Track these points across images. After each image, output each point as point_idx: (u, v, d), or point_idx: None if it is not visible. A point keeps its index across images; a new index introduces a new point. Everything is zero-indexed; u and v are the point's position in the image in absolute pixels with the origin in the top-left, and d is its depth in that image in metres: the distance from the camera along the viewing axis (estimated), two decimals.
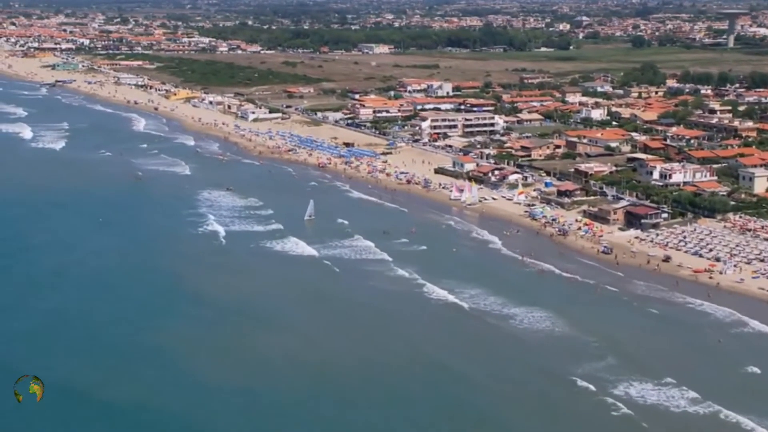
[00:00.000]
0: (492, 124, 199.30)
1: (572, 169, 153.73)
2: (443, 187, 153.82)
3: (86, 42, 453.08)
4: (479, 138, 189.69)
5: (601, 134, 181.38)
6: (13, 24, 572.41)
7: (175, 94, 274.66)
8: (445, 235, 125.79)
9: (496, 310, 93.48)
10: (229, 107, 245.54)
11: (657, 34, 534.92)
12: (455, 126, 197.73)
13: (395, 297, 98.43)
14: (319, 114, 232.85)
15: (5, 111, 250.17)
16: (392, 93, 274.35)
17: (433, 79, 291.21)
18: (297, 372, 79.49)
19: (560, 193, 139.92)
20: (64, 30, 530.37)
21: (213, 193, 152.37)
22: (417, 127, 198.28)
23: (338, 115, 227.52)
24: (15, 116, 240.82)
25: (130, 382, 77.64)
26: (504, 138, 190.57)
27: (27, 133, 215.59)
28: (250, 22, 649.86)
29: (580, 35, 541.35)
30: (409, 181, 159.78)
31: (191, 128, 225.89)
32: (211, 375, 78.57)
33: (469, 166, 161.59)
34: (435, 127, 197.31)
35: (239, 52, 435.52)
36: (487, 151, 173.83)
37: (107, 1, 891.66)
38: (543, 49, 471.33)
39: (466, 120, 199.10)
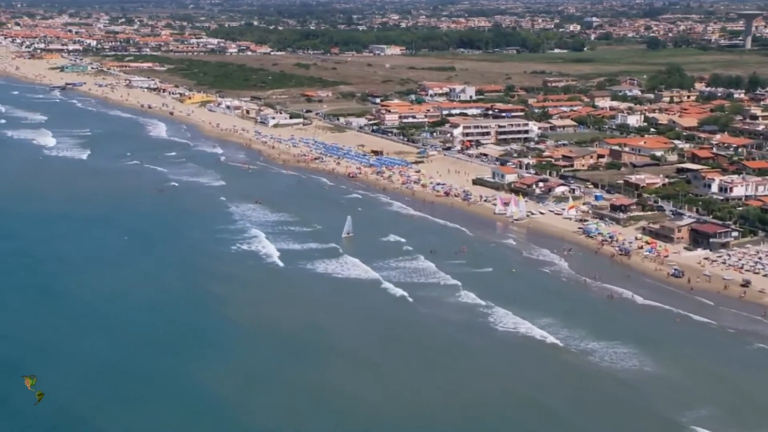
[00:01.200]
0: (526, 131, 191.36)
1: (621, 181, 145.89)
2: (485, 200, 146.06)
3: (93, 43, 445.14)
4: (515, 146, 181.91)
5: (644, 142, 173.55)
6: (18, 24, 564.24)
7: (189, 98, 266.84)
8: (499, 254, 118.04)
9: (575, 343, 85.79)
10: (248, 112, 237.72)
11: (670, 35, 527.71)
12: (488, 133, 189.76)
13: (466, 326, 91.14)
14: (342, 119, 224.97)
15: (21, 116, 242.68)
16: (413, 97, 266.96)
17: (454, 83, 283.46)
18: (387, 412, 72.25)
19: (614, 208, 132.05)
20: (70, 30, 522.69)
21: (242, 206, 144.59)
22: (448, 135, 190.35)
23: (362, 121, 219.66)
24: (32, 122, 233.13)
25: None
26: (540, 146, 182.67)
27: (45, 140, 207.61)
28: (255, 23, 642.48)
29: (592, 36, 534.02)
30: (447, 193, 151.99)
31: (210, 134, 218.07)
32: (286, 419, 70.91)
33: (511, 177, 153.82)
34: (467, 135, 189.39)
35: (249, 53, 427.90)
36: (525, 160, 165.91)
37: (110, 1, 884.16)
38: (556, 50, 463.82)
39: (500, 127, 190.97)
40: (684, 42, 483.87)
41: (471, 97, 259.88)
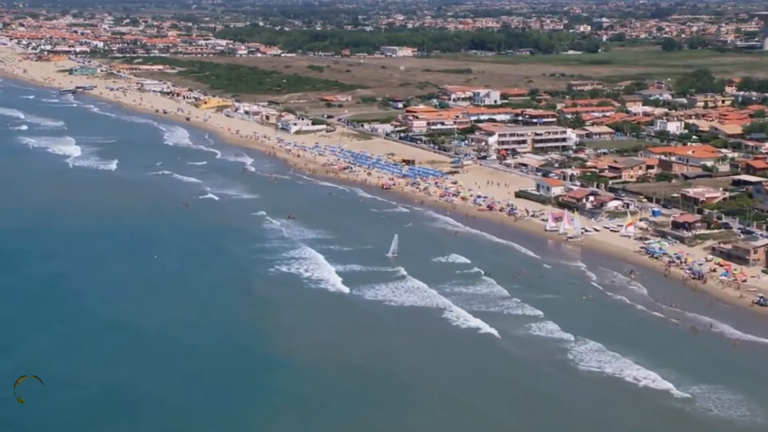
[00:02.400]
0: (563, 139, 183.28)
1: (677, 195, 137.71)
2: (532, 215, 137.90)
3: (99, 44, 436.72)
4: (554, 155, 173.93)
5: (692, 151, 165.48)
6: (22, 25, 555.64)
7: (205, 103, 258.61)
8: (562, 278, 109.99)
9: (671, 387, 77.53)
10: (267, 118, 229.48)
11: (683, 36, 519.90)
12: (524, 141, 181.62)
13: (555, 363, 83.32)
14: (366, 126, 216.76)
15: (37, 122, 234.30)
16: (435, 101, 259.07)
17: (476, 86, 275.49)
18: None
19: (676, 225, 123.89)
20: (75, 31, 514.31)
21: (276, 222, 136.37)
22: (483, 143, 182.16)
23: (387, 127, 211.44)
24: (51, 128, 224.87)
25: None
26: (581, 155, 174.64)
27: (69, 149, 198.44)
28: (261, 23, 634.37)
29: (604, 37, 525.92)
30: (491, 207, 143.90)
31: (231, 142, 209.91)
32: None
33: (557, 190, 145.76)
34: (502, 143, 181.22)
35: (259, 55, 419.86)
36: (569, 171, 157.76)
37: (112, 1, 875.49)
38: (570, 51, 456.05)
39: (536, 135, 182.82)
40: (699, 43, 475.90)
41: (495, 101, 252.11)
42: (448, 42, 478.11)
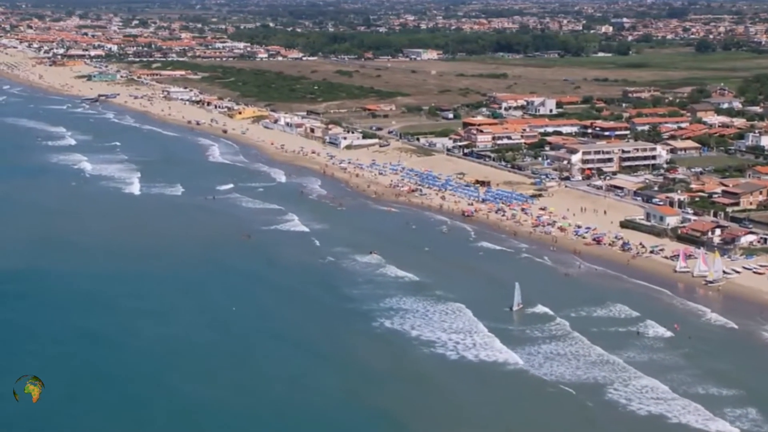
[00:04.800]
0: (653, 157, 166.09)
1: None
2: (651, 251, 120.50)
3: (114, 48, 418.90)
4: (649, 176, 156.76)
5: None
6: (30, 27, 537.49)
7: (239, 113, 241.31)
8: (725, 338, 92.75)
9: None
10: (312, 130, 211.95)
11: (711, 36, 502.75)
12: (611, 159, 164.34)
13: None
14: (422, 139, 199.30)
15: (61, 134, 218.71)
16: (484, 110, 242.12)
17: (526, 95, 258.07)
18: None
19: None
20: (85, 34, 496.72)
21: (358, 260, 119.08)
22: (565, 161, 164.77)
23: (446, 141, 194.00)
24: (78, 144, 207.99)
25: None
26: (675, 175, 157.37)
27: (104, 168, 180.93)
28: (270, 24, 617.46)
29: (629, 38, 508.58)
30: (598, 241, 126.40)
31: (277, 158, 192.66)
32: None
33: (672, 220, 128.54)
34: (586, 161, 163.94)
35: (280, 58, 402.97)
36: (675, 196, 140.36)
37: (116, 1, 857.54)
38: (600, 54, 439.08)
39: (623, 152, 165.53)
40: (733, 44, 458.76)
41: (551, 110, 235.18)
42: (472, 44, 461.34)
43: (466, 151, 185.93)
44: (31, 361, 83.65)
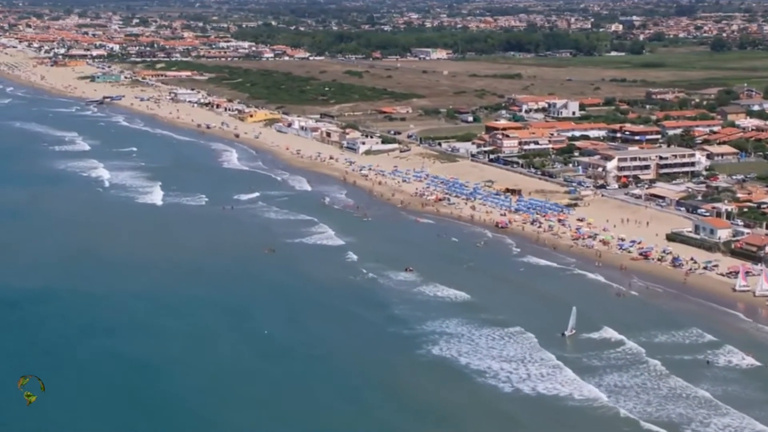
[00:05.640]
0: (692, 164, 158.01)
1: None
2: (704, 267, 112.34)
3: (116, 47, 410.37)
4: (691, 184, 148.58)
5: None
6: (29, 26, 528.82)
7: (251, 116, 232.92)
8: None
9: None
10: (329, 135, 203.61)
11: (724, 35, 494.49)
12: (647, 166, 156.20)
13: None
14: (444, 144, 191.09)
15: (71, 139, 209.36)
16: (503, 112, 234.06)
17: (547, 96, 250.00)
18: None
19: None
20: (85, 33, 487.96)
21: (391, 277, 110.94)
22: (599, 168, 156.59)
23: (470, 146, 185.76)
24: (88, 150, 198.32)
25: None
26: (717, 183, 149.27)
27: (115, 176, 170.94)
28: (273, 23, 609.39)
29: (641, 37, 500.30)
30: (646, 256, 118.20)
31: (294, 164, 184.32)
32: None
33: (723, 233, 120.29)
34: (622, 168, 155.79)
35: (286, 58, 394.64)
36: (722, 207, 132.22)
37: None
38: (613, 53, 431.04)
39: (661, 158, 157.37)
40: (748, 43, 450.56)
41: (574, 113, 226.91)
42: (481, 43, 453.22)
43: (491, 156, 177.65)
44: (67, 388, 76.26)
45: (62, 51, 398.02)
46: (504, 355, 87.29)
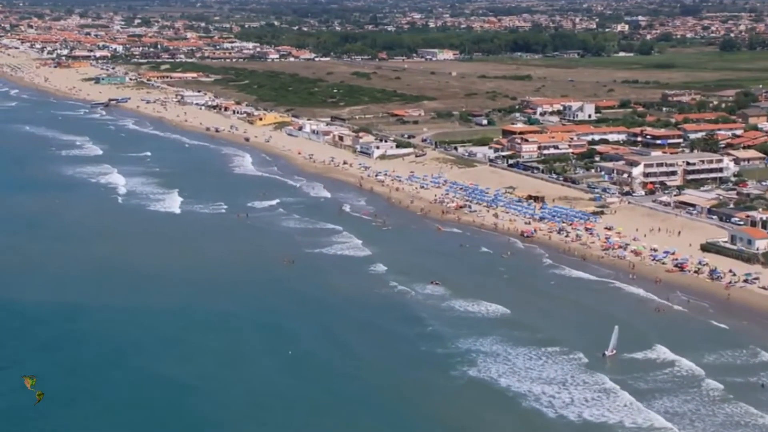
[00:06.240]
0: (720, 169, 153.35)
1: None
2: (745, 280, 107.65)
3: (119, 48, 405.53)
4: (721, 191, 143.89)
5: None
6: (30, 26, 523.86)
7: (260, 119, 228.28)
8: None
9: None
10: (341, 139, 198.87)
11: (732, 35, 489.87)
12: (674, 172, 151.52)
13: None
14: (460, 149, 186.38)
15: (77, 140, 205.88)
16: (518, 115, 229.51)
17: (563, 99, 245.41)
18: None
19: None
20: (88, 33, 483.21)
21: (417, 291, 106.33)
22: (625, 175, 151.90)
23: (487, 151, 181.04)
24: (98, 155, 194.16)
25: None
26: (746, 189, 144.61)
27: (127, 182, 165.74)
28: (275, 23, 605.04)
29: (647, 37, 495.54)
30: (682, 267, 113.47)
31: (307, 169, 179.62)
32: None
33: (763, 244, 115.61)
34: (648, 174, 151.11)
35: (292, 59, 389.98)
36: (758, 215, 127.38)
37: None
38: (621, 53, 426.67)
39: (688, 164, 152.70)
40: (758, 43, 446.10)
41: (590, 116, 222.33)
42: (488, 44, 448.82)
43: (510, 162, 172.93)
44: (97, 409, 73.40)
45: (65, 52, 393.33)
46: (544, 377, 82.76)
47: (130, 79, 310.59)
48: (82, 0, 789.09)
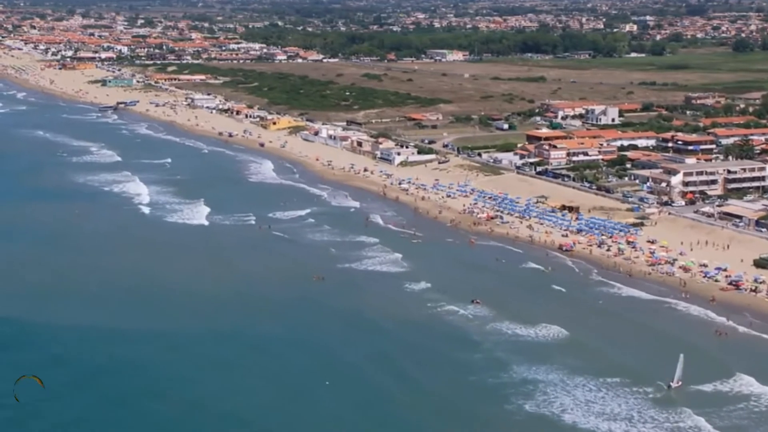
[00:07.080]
0: (762, 178, 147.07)
1: None
2: None
3: (124, 49, 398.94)
4: (766, 201, 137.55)
5: None
6: (33, 27, 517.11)
7: (274, 123, 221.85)
8: None
9: None
10: (360, 144, 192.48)
11: (743, 35, 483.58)
12: (714, 181, 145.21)
13: None
14: (484, 155, 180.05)
15: (92, 146, 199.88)
16: (538, 119, 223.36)
17: (586, 102, 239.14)
18: None
19: None
20: (91, 34, 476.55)
21: (459, 311, 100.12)
22: (663, 184, 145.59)
23: (512, 157, 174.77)
24: (111, 161, 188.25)
25: None
26: None
27: (142, 191, 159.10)
28: (279, 23, 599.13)
29: (657, 37, 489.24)
30: (737, 285, 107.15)
31: (327, 177, 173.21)
32: None
33: None
34: (688, 183, 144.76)
35: (300, 61, 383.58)
36: None
37: None
38: (633, 54, 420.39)
39: (729, 173, 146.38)
40: None
41: (613, 119, 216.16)
42: (497, 44, 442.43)
43: (539, 169, 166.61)
44: None
45: (69, 53, 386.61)
46: (608, 412, 76.77)
47: (138, 81, 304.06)
48: (84, 0, 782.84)
